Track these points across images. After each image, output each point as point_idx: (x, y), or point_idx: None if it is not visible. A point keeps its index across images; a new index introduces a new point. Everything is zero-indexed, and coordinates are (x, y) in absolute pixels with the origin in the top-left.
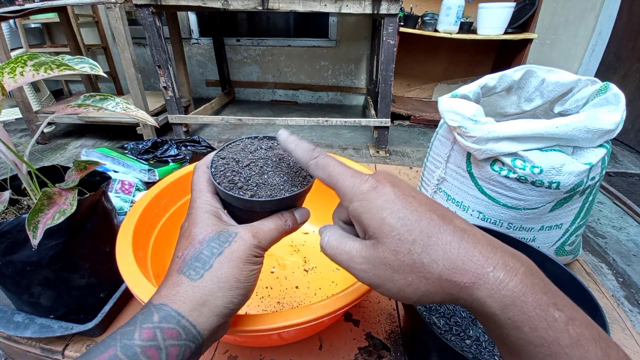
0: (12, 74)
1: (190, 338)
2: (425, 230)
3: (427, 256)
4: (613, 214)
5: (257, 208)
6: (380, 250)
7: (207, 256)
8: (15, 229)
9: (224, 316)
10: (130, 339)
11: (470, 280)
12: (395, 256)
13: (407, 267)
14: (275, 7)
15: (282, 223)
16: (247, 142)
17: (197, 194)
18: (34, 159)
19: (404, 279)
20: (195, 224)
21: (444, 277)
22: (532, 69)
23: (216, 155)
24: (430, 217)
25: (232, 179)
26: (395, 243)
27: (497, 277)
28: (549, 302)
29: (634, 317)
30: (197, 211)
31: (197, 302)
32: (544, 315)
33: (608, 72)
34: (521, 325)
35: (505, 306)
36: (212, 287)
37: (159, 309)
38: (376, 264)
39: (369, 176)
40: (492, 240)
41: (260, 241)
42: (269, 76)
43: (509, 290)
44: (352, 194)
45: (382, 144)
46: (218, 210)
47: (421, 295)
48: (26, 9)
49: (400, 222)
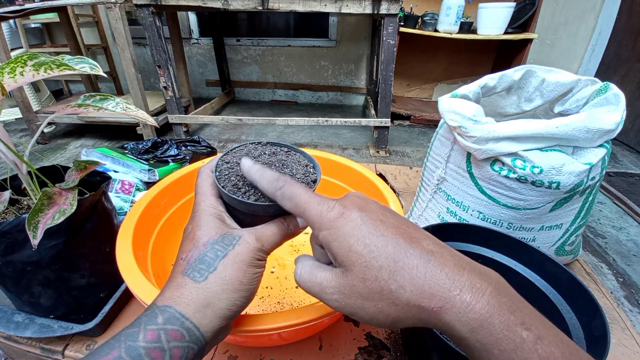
0: (12, 74)
1: (193, 340)
2: (392, 256)
3: (395, 282)
4: (613, 214)
5: (260, 212)
6: (349, 278)
7: (212, 258)
8: (15, 229)
9: (226, 318)
10: (135, 341)
11: (438, 304)
12: (364, 284)
13: (376, 294)
14: (275, 7)
15: (284, 227)
16: (251, 148)
17: (201, 197)
18: (34, 159)
19: (375, 306)
20: (199, 227)
21: (412, 303)
22: (532, 69)
23: (220, 160)
24: (397, 241)
25: (235, 183)
26: (363, 270)
27: (464, 300)
28: (516, 322)
29: (634, 317)
30: (201, 214)
31: (201, 304)
32: (512, 336)
33: (608, 72)
34: (490, 348)
35: (473, 329)
36: (216, 289)
37: (163, 311)
38: (346, 293)
39: (336, 203)
40: (460, 260)
41: (264, 245)
42: (269, 76)
43: (476, 313)
44: (320, 222)
45: (382, 144)
46: (222, 214)
47: (392, 321)
48: (26, 9)
49: (366, 249)
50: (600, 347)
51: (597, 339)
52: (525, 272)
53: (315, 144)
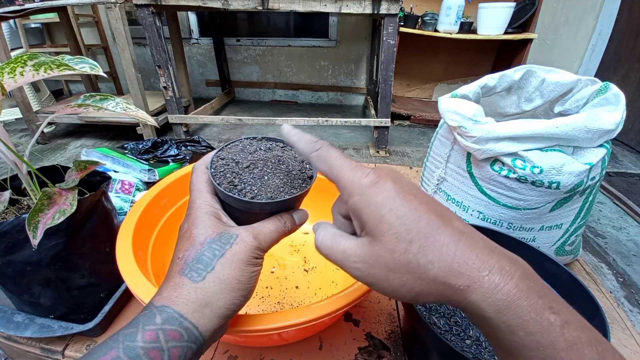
0: (12, 74)
1: (192, 339)
2: (423, 231)
3: (424, 257)
4: (613, 214)
5: (256, 210)
6: (377, 248)
7: (209, 258)
8: (15, 229)
9: (225, 317)
10: (133, 341)
11: (465, 283)
12: (392, 255)
13: (403, 266)
14: (275, 7)
15: (281, 225)
16: (246, 143)
17: (196, 195)
18: (34, 159)
19: (399, 279)
20: (196, 225)
21: (439, 279)
22: (532, 69)
23: (215, 156)
24: (429, 217)
25: (231, 180)
26: (393, 242)
27: (492, 281)
28: (544, 306)
29: (634, 317)
30: (197, 212)
31: (200, 303)
32: (539, 319)
33: (608, 72)
34: (516, 329)
35: (499, 310)
36: (214, 288)
37: (162, 311)
38: (371, 263)
39: (371, 170)
40: (489, 243)
41: (261, 243)
42: (269, 76)
43: (503, 294)
44: (352, 187)
45: (382, 143)
46: (218, 211)
47: (415, 294)
48: (26, 9)
49: (399, 221)
50: None
51: None
52: None
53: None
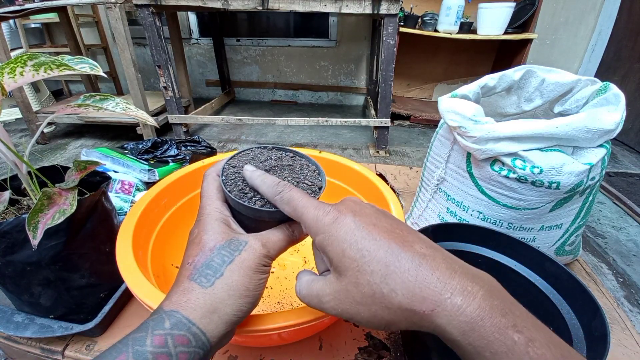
0: (12, 74)
1: (199, 345)
2: (383, 260)
3: (386, 286)
4: (613, 214)
5: (266, 218)
6: (343, 283)
7: (218, 264)
8: (15, 229)
9: (232, 324)
10: (142, 345)
11: (429, 308)
12: (357, 288)
13: (369, 298)
14: (275, 7)
15: (289, 233)
16: (257, 152)
17: (207, 201)
18: (34, 159)
19: (368, 310)
20: (206, 231)
21: (404, 307)
22: (532, 69)
23: (227, 164)
24: (389, 245)
25: (242, 188)
26: (355, 275)
27: (455, 303)
28: (507, 325)
29: (634, 317)
30: (207, 218)
31: (208, 309)
32: (503, 339)
33: (608, 72)
34: (482, 351)
35: (464, 332)
36: (222, 295)
37: (170, 316)
38: (341, 298)
39: (332, 207)
40: (453, 263)
41: (269, 250)
42: (269, 76)
43: (466, 316)
44: (316, 227)
45: (382, 144)
46: (227, 218)
47: (387, 324)
48: (26, 9)
49: (359, 254)
50: (600, 347)
51: (597, 339)
52: (525, 272)
53: (315, 144)
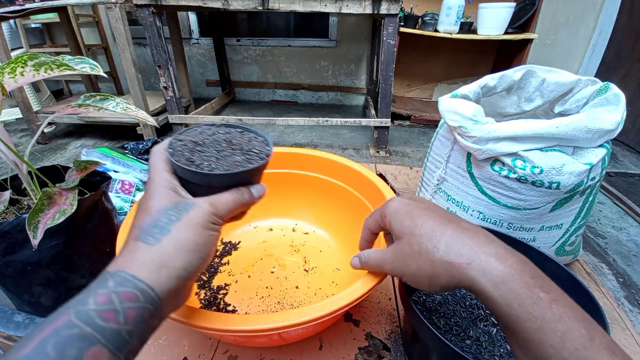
0: (12, 74)
1: (148, 300)
2: (431, 227)
3: (430, 243)
4: (613, 214)
5: (214, 182)
6: (400, 244)
7: (165, 222)
8: (15, 229)
9: (183, 279)
10: (84, 305)
11: (465, 260)
12: (409, 246)
13: (416, 253)
14: (275, 7)
15: (238, 195)
16: (205, 128)
17: (154, 173)
18: (34, 159)
19: (415, 263)
20: (152, 197)
21: (444, 259)
22: (532, 69)
23: (174, 139)
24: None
25: (190, 157)
26: (409, 237)
27: (488, 260)
28: (535, 285)
29: (634, 317)
30: (155, 186)
31: (155, 264)
32: (530, 294)
33: (608, 72)
34: (511, 302)
35: (496, 284)
36: (170, 250)
37: (115, 275)
38: (397, 256)
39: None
40: (491, 238)
41: (218, 210)
42: (269, 76)
43: (499, 271)
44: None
45: (382, 144)
46: (176, 186)
47: (430, 277)
48: (26, 9)
49: (413, 223)
50: None
51: None
52: None
53: (315, 144)
